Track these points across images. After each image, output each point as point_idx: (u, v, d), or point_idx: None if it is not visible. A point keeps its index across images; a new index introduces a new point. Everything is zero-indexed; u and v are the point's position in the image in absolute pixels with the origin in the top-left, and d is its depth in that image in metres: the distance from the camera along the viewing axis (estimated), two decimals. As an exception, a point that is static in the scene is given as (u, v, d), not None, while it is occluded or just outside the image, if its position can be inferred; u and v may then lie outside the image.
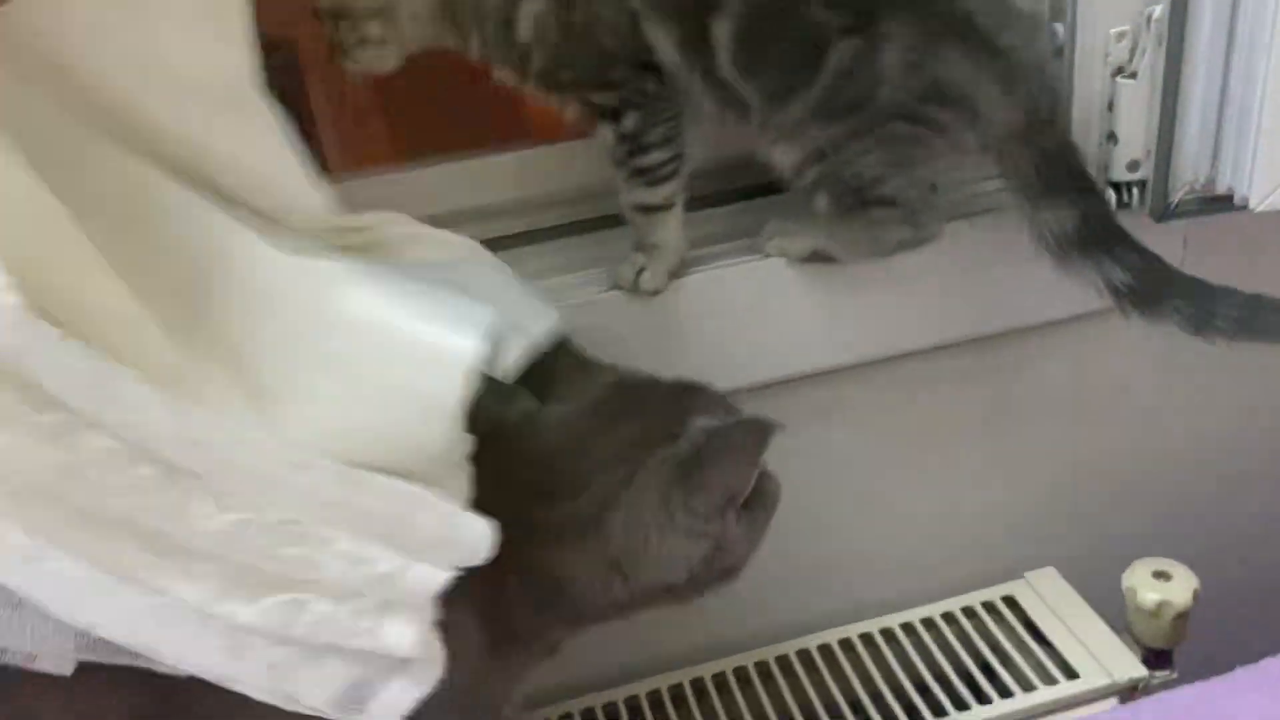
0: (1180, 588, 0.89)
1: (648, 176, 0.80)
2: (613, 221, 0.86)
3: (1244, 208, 0.80)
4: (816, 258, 0.83)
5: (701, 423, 0.68)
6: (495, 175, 0.89)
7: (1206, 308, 0.77)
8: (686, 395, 0.70)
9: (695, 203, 0.85)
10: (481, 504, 0.65)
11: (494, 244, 0.90)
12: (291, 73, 0.97)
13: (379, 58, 0.78)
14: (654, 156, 0.80)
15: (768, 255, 0.84)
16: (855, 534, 0.97)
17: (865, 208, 0.78)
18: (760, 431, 0.67)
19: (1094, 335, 0.94)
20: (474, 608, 0.68)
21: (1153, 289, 0.78)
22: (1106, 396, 0.98)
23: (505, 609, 0.68)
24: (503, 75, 0.79)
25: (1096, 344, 0.95)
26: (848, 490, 0.96)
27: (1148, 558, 0.92)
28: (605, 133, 0.79)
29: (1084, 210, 0.79)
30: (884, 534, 0.98)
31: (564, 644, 0.71)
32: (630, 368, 0.73)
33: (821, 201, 0.79)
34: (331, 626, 0.54)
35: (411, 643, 0.55)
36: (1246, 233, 0.89)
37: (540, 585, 0.68)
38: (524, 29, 0.76)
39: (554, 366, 0.72)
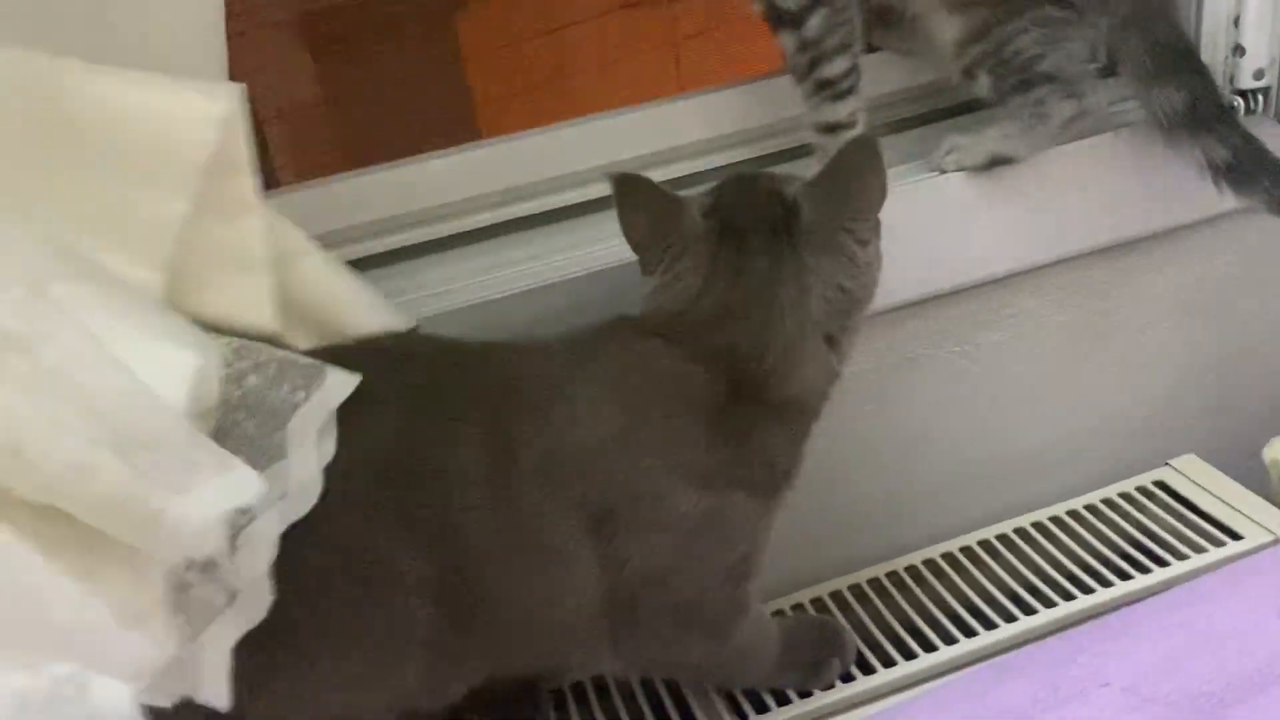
0: (1320, 455, 0.99)
1: (831, 90, 0.88)
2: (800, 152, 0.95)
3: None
4: (993, 164, 0.92)
5: (791, 189, 0.75)
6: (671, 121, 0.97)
7: None
8: (743, 185, 0.78)
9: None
10: (712, 392, 0.73)
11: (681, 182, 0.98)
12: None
13: None
14: (834, 66, 0.87)
15: (944, 171, 0.93)
16: (1012, 434, 1.06)
17: (1027, 88, 0.88)
18: (868, 144, 0.74)
19: (1217, 237, 1.04)
20: (740, 487, 0.75)
21: (1248, 169, 0.89)
22: (1233, 292, 1.08)
23: (769, 465, 0.76)
24: None
25: (1220, 246, 1.05)
26: (1005, 393, 1.04)
27: (1284, 434, 1.02)
28: (787, 41, 0.87)
29: (1193, 92, 0.89)
30: (1036, 433, 1.07)
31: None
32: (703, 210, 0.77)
33: (985, 82, 0.88)
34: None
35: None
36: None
37: (787, 417, 0.76)
38: None
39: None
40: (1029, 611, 0.92)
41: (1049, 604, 0.93)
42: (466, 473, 0.68)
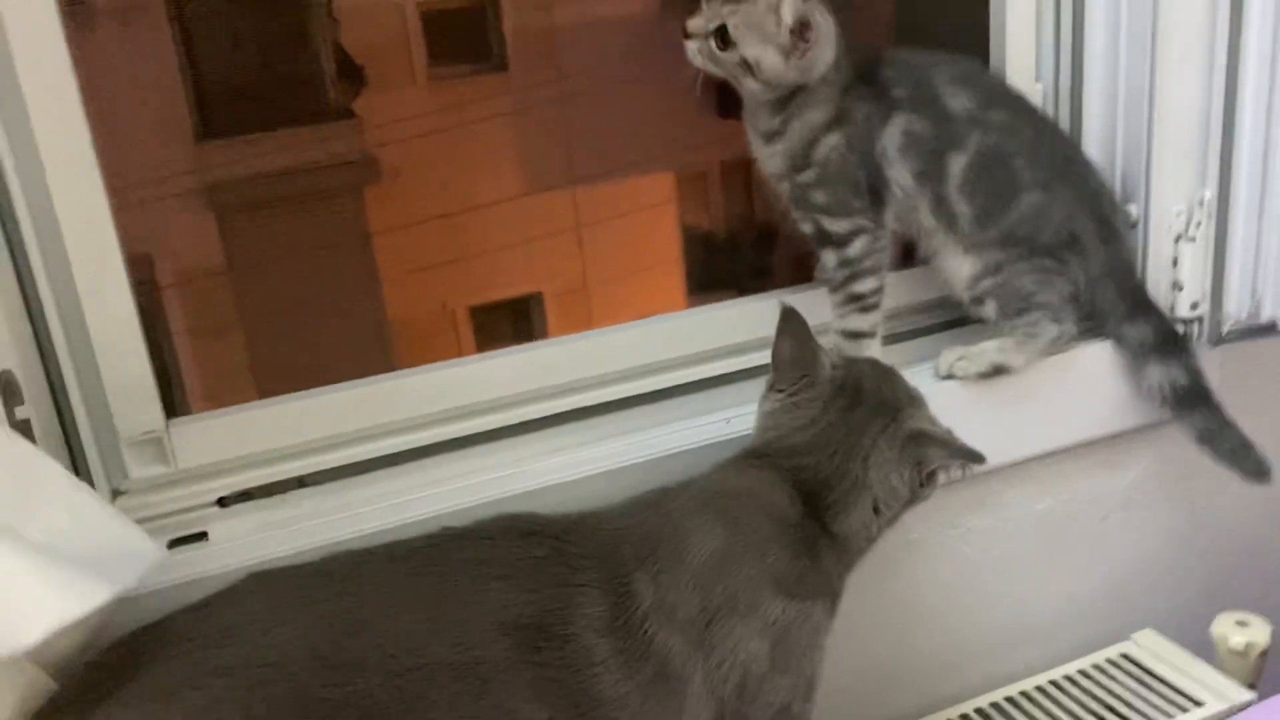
0: (1260, 630, 1.14)
1: (861, 303, 1.04)
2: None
3: (1284, 331, 1.10)
4: (994, 373, 1.07)
5: (912, 422, 0.91)
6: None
7: (1216, 430, 1.08)
8: (879, 369, 0.95)
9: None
10: (793, 509, 0.87)
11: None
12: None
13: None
14: (867, 283, 1.04)
15: (954, 376, 1.07)
16: (994, 610, 1.19)
17: (1024, 313, 1.06)
18: (972, 457, 0.92)
19: (1164, 440, 1.20)
20: (817, 597, 0.87)
21: (1192, 398, 1.08)
22: (1180, 485, 1.25)
23: (832, 584, 0.89)
24: (776, 182, 1.04)
25: (1166, 446, 1.21)
26: (988, 572, 1.17)
27: (1227, 611, 1.17)
28: (830, 258, 1.04)
29: (1156, 326, 1.09)
30: (1015, 609, 1.20)
31: None
32: (834, 364, 0.94)
33: (991, 308, 1.06)
34: None
35: None
36: (1265, 359, 1.20)
37: (843, 548, 0.90)
38: (818, 153, 1.01)
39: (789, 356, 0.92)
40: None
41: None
42: (591, 631, 0.75)
